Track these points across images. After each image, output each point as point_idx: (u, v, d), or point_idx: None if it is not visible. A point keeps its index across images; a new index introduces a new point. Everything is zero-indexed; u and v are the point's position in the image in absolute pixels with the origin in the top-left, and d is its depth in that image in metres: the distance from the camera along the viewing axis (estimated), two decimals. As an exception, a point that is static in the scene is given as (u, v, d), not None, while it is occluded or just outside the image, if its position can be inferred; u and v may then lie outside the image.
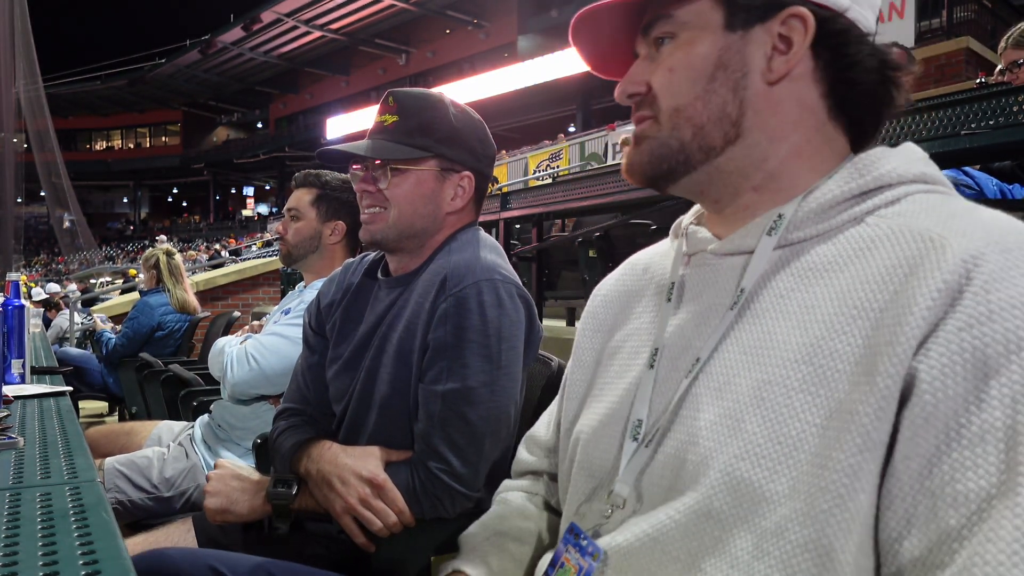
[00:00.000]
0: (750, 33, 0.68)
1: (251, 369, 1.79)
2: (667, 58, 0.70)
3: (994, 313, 0.53)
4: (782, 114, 0.68)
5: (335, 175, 1.95)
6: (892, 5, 9.44)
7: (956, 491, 0.52)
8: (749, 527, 0.59)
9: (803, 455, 0.58)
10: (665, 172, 0.71)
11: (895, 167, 0.66)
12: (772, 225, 0.68)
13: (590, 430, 0.78)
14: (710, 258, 0.72)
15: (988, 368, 0.52)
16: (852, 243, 0.63)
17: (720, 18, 0.68)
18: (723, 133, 0.68)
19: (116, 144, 43.29)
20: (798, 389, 0.60)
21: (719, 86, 0.68)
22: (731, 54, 0.68)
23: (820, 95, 0.68)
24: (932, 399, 0.53)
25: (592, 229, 4.89)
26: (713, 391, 0.65)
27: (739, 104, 0.68)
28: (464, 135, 1.22)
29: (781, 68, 0.67)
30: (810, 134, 0.69)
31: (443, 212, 1.23)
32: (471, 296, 1.11)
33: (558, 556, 0.74)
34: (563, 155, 14.90)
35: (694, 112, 0.69)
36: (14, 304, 1.69)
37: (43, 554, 0.65)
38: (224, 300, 7.90)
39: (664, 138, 0.70)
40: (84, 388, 4.13)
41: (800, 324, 0.62)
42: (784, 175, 0.69)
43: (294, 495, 1.16)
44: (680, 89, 0.69)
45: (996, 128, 2.17)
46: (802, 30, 0.66)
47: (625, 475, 0.70)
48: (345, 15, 26.48)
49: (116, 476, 1.83)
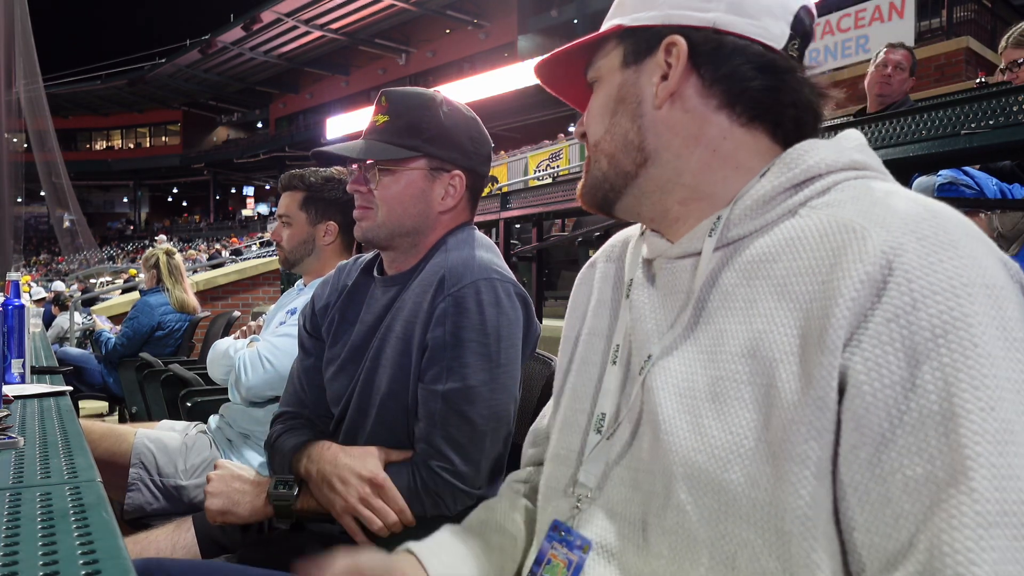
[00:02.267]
0: (642, 66, 0.74)
1: (266, 371, 1.79)
2: (592, 101, 0.79)
3: (917, 302, 0.56)
4: (682, 132, 0.73)
5: (319, 173, 1.93)
6: (892, 5, 9.44)
7: (907, 476, 0.54)
8: (714, 517, 0.62)
9: (752, 443, 0.61)
10: (601, 200, 0.79)
11: (823, 157, 0.68)
12: (712, 226, 0.71)
13: (564, 418, 0.82)
14: (665, 262, 0.76)
15: (918, 355, 0.55)
16: (785, 235, 0.66)
17: (619, 58, 0.76)
18: (632, 158, 0.75)
19: (116, 144, 43.30)
20: (746, 381, 0.63)
21: (620, 118, 0.75)
22: (627, 88, 0.75)
23: (716, 107, 0.72)
24: (870, 389, 0.56)
25: (592, 229, 4.89)
26: (673, 388, 0.68)
27: (638, 130, 0.74)
28: (454, 134, 1.22)
29: (663, 92, 0.72)
30: (716, 143, 0.72)
31: (434, 211, 1.23)
32: (469, 295, 1.11)
33: (543, 554, 0.75)
34: (563, 155, 14.88)
35: (606, 144, 0.76)
36: (14, 304, 1.69)
37: (43, 554, 0.65)
38: (224, 300, 7.91)
39: (593, 171, 0.79)
40: (84, 388, 4.13)
41: (745, 319, 0.65)
42: (703, 184, 0.73)
43: (295, 496, 1.16)
44: (595, 127, 0.78)
45: (996, 128, 2.17)
46: (678, 54, 0.72)
47: (588, 466, 0.74)
48: (345, 15, 26.49)
49: (144, 452, 1.83)
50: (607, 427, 0.74)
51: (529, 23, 23.72)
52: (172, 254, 4.11)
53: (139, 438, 1.86)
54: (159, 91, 36.95)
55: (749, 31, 0.71)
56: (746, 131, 0.72)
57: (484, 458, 1.11)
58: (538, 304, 4.81)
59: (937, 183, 2.50)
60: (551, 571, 0.73)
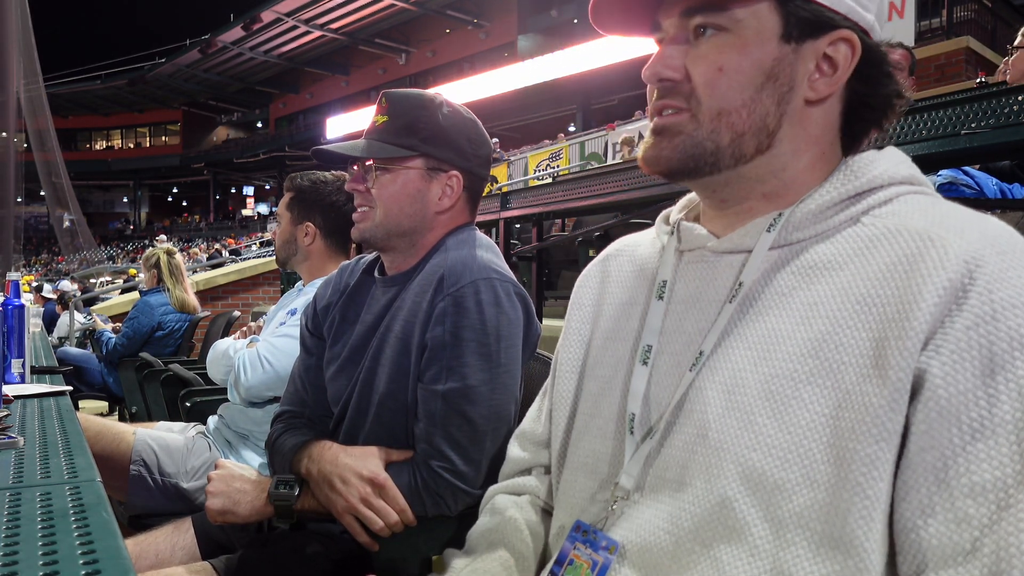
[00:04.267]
0: (802, 48, 0.67)
1: (265, 372, 1.80)
2: (715, 54, 0.67)
3: (998, 312, 0.56)
4: (809, 130, 0.69)
5: (310, 176, 1.96)
6: (892, 5, 9.43)
7: (973, 482, 0.54)
8: (766, 516, 0.61)
9: (814, 444, 0.60)
10: (691, 169, 0.70)
11: (885, 169, 0.68)
12: (771, 224, 0.69)
13: (583, 423, 0.79)
14: (708, 255, 0.73)
15: (995, 364, 0.55)
16: (851, 242, 0.65)
17: (778, 26, 0.66)
18: (757, 143, 0.68)
19: (116, 144, 43.28)
20: (806, 381, 0.62)
21: (766, 97, 0.67)
22: (783, 66, 0.66)
23: (840, 112, 0.70)
24: (945, 393, 0.56)
25: (592, 229, 4.89)
26: (720, 386, 0.66)
27: (779, 118, 0.68)
28: (451, 134, 1.22)
29: (823, 89, 0.67)
30: (824, 148, 0.71)
31: (431, 212, 1.23)
32: (469, 295, 1.11)
33: (564, 554, 0.73)
34: (563, 155, 14.89)
35: (738, 119, 0.67)
36: (14, 304, 1.69)
37: (43, 554, 0.65)
38: (224, 300, 7.91)
39: (700, 138, 0.68)
40: (84, 388, 4.13)
41: (804, 320, 0.64)
42: (795, 184, 0.70)
43: (296, 496, 1.16)
44: (728, 92, 0.67)
45: (996, 128, 2.17)
46: (849, 54, 0.67)
47: (630, 467, 0.71)
48: (345, 15, 26.47)
49: (145, 450, 1.83)
50: (639, 428, 0.72)
51: (529, 23, 23.71)
52: (173, 254, 4.11)
53: (140, 437, 1.86)
54: (159, 91, 36.92)
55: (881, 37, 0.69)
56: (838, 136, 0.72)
57: (485, 458, 1.11)
58: (538, 304, 4.80)
59: (937, 183, 2.50)
60: (573, 572, 0.72)
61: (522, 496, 0.90)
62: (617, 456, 0.74)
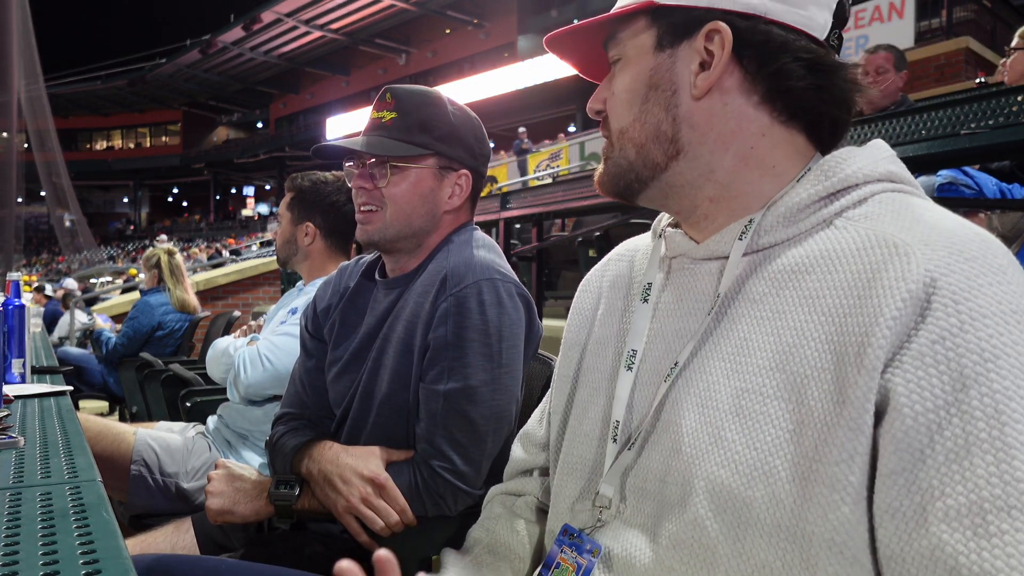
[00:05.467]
0: (677, 51, 0.69)
1: (265, 370, 1.80)
2: (615, 81, 0.73)
3: (966, 324, 0.53)
4: (718, 126, 0.69)
5: (310, 176, 1.96)
6: (892, 5, 9.44)
7: (947, 506, 0.51)
8: (735, 536, 0.59)
9: (779, 461, 0.58)
10: (624, 188, 0.74)
11: (861, 167, 0.66)
12: (743, 230, 0.68)
13: (573, 428, 0.79)
14: (688, 263, 0.73)
15: (966, 379, 0.52)
16: (820, 247, 0.64)
17: (651, 39, 0.70)
18: (663, 150, 0.70)
19: (116, 144, 43.33)
20: (773, 396, 0.60)
21: (652, 106, 0.70)
22: (661, 73, 0.70)
23: (757, 103, 0.68)
24: (911, 412, 0.53)
25: (592, 229, 4.90)
26: (694, 398, 0.66)
27: (672, 121, 0.69)
28: (462, 133, 1.22)
29: (703, 83, 0.68)
30: (753, 141, 0.69)
31: (440, 211, 1.22)
32: (471, 296, 1.11)
33: (552, 557, 0.74)
34: (563, 155, 14.88)
35: (635, 133, 0.71)
36: (14, 304, 1.69)
37: (43, 553, 0.65)
38: (224, 300, 7.91)
39: (616, 158, 0.73)
40: (84, 388, 4.13)
41: (773, 330, 0.63)
42: (736, 183, 0.70)
43: (296, 496, 1.16)
44: (622, 112, 0.72)
45: (996, 128, 2.17)
46: (721, 44, 0.67)
47: (609, 476, 0.71)
48: (345, 15, 26.50)
49: (146, 450, 1.83)
50: (621, 435, 0.71)
51: (529, 23, 23.71)
52: (173, 254, 4.11)
53: (141, 436, 1.86)
54: (159, 91, 36.97)
55: (795, 20, 0.67)
56: (784, 129, 0.69)
57: (485, 458, 1.11)
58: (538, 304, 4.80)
59: (937, 183, 2.49)
60: (560, 575, 0.72)
61: (522, 497, 0.91)
62: (599, 463, 0.74)
